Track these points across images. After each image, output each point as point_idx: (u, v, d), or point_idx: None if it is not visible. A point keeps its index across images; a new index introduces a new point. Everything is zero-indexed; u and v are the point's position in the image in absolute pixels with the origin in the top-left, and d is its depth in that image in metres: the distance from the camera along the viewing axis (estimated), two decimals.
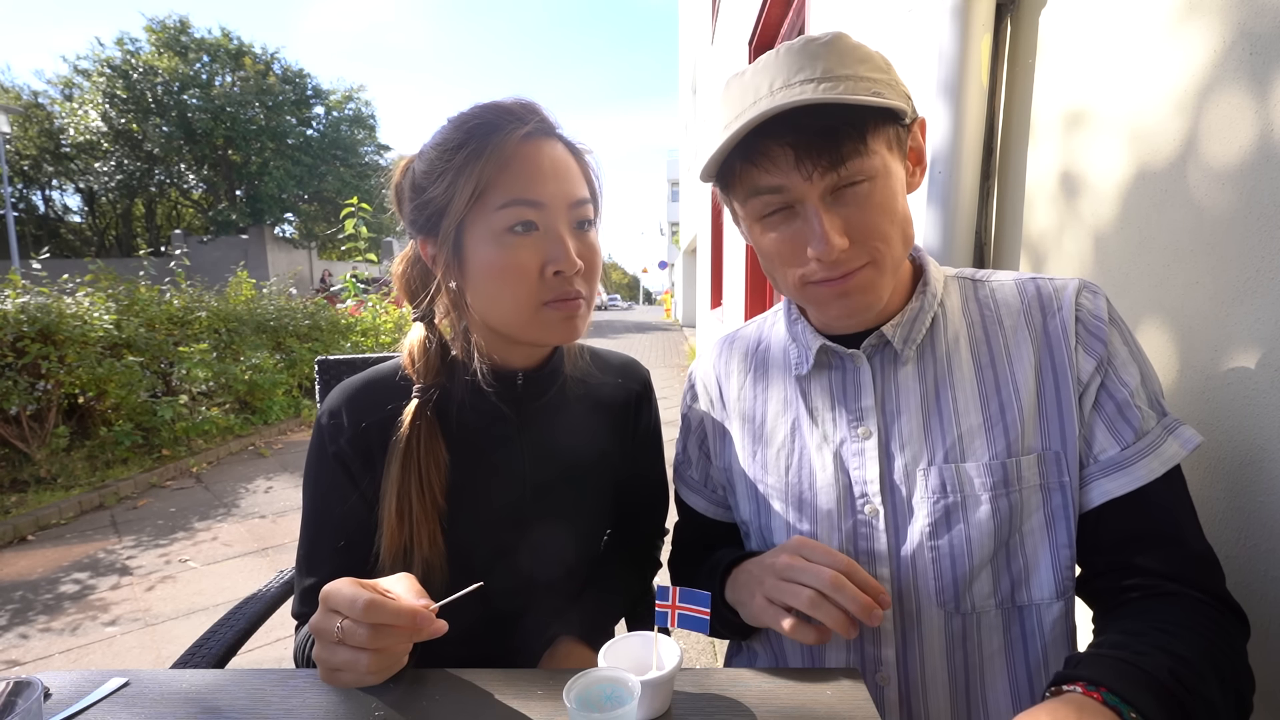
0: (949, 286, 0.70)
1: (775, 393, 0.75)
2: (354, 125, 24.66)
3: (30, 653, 2.12)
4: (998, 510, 0.61)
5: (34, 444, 3.71)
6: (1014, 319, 0.65)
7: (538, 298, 0.67)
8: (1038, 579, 0.62)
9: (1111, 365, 0.61)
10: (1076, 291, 0.64)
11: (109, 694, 0.57)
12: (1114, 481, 0.60)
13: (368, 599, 0.52)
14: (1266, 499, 0.63)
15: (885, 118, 0.58)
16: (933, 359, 0.66)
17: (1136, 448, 0.59)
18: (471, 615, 0.79)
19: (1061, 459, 0.61)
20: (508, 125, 0.66)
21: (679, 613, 0.59)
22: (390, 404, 0.73)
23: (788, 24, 3.66)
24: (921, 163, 0.66)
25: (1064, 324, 0.63)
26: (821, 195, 0.58)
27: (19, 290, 3.72)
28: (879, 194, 0.59)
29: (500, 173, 0.65)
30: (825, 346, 0.69)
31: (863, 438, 0.67)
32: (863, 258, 0.60)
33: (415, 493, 0.70)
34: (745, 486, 0.75)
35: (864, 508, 0.66)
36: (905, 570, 0.64)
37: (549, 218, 0.66)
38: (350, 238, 5.29)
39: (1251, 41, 0.63)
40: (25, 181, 21.51)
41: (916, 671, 0.65)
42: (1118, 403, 0.60)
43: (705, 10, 8.04)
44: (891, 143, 0.60)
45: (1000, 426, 0.62)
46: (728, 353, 0.82)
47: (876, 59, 0.59)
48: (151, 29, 21.09)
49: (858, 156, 0.57)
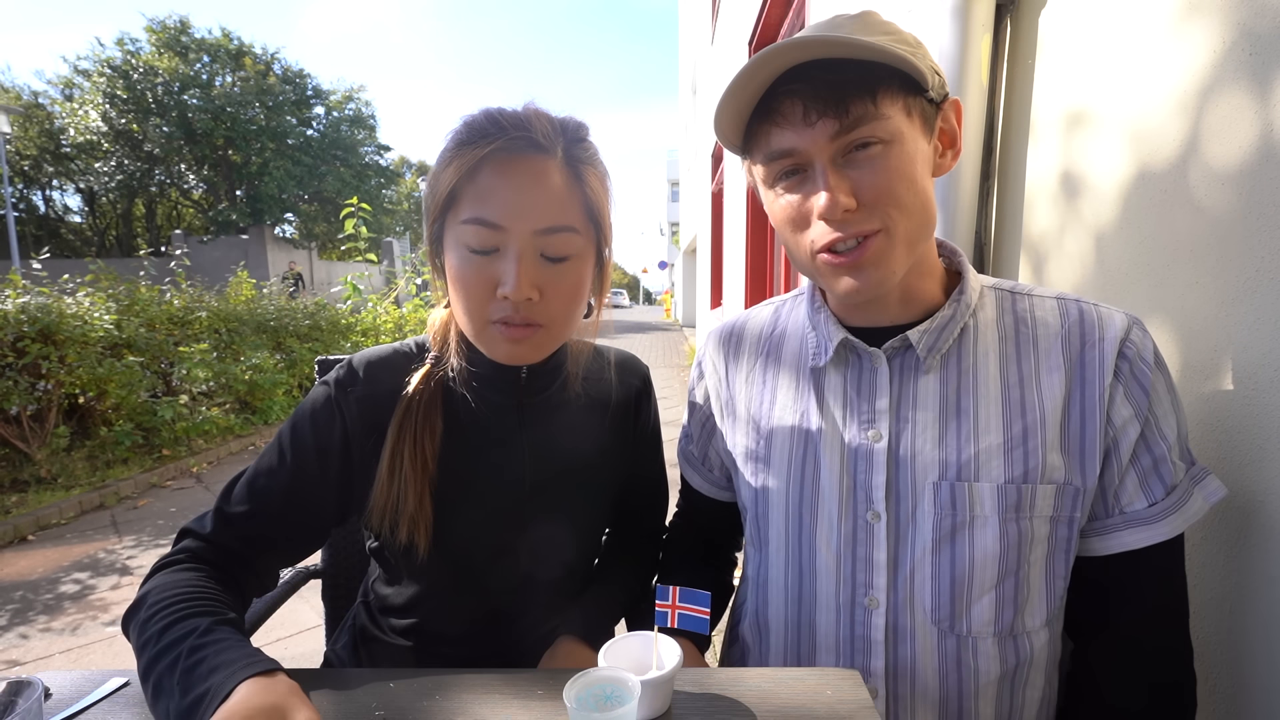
0: (985, 296, 0.66)
1: (786, 381, 0.73)
2: (354, 125, 24.65)
3: (30, 653, 2.12)
4: (1006, 535, 0.60)
5: (34, 444, 3.71)
6: (1050, 341, 0.62)
7: (486, 315, 0.66)
8: (1032, 608, 0.62)
9: (1153, 415, 0.59)
10: (1125, 329, 0.60)
11: (109, 694, 0.57)
12: (1134, 534, 0.60)
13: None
14: (1265, 499, 0.63)
15: (902, 84, 0.56)
16: (957, 370, 0.64)
17: (1164, 504, 0.59)
18: (471, 615, 0.79)
19: (1079, 495, 0.60)
20: (489, 137, 0.63)
21: (679, 612, 0.59)
22: (405, 375, 0.73)
23: (787, 24, 3.66)
24: (955, 145, 0.63)
25: (1103, 357, 0.60)
26: (832, 156, 0.57)
27: (19, 290, 3.72)
28: (893, 159, 0.56)
29: (468, 184, 0.64)
30: (847, 340, 0.66)
31: (872, 440, 0.65)
32: (873, 223, 0.57)
33: (408, 451, 0.70)
34: (746, 473, 0.74)
35: (866, 512, 0.65)
36: (902, 581, 0.64)
37: (509, 240, 0.64)
38: (350, 238, 5.28)
39: (1252, 41, 0.63)
40: (25, 181, 21.50)
41: (906, 686, 0.64)
42: (1155, 458, 0.59)
43: (705, 10, 8.04)
44: (911, 110, 0.58)
45: (1021, 451, 0.60)
46: (739, 334, 0.80)
47: (904, 34, 0.58)
48: (152, 29, 21.08)
49: (866, 114, 0.55)
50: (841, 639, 0.67)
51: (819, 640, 0.68)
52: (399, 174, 31.49)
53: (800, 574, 0.69)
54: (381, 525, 0.72)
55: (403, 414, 0.71)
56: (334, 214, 22.63)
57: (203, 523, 0.67)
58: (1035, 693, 0.65)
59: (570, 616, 0.78)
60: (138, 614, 0.59)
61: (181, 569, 0.63)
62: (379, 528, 0.73)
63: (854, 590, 0.66)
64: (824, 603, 0.67)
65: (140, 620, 0.58)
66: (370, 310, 6.49)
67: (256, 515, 0.67)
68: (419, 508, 0.71)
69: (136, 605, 0.60)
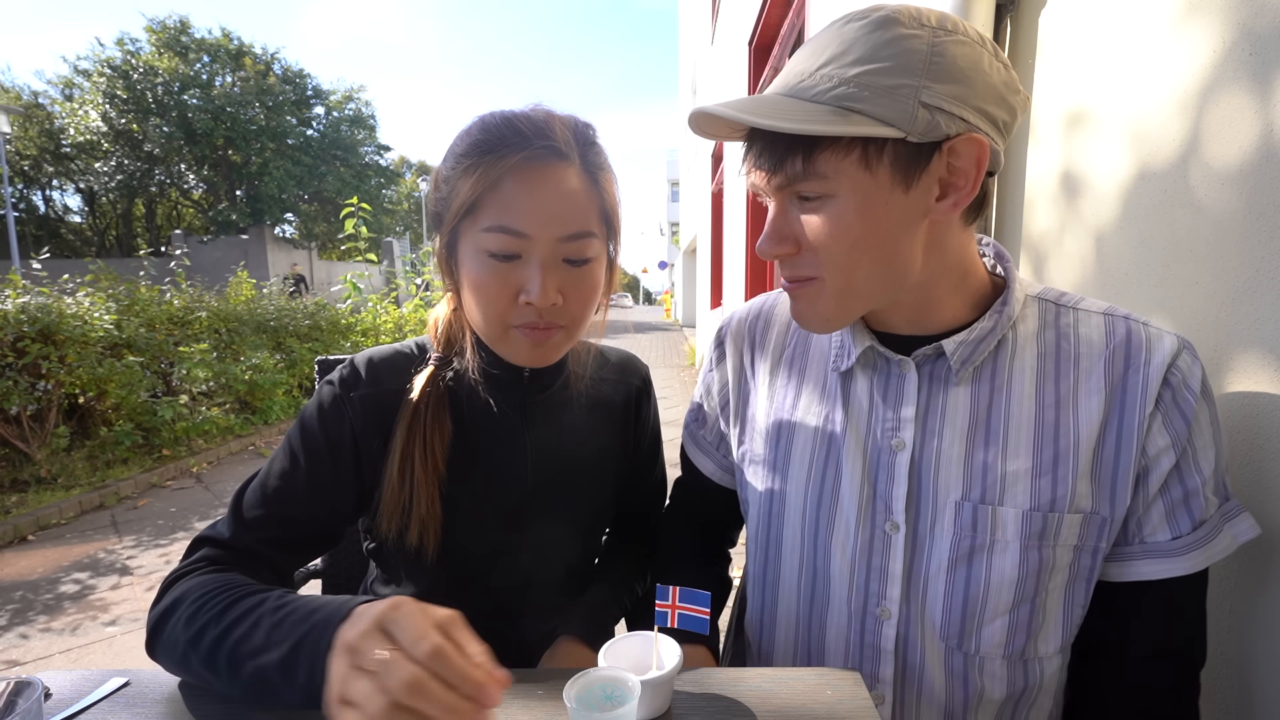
0: (1027, 306, 0.62)
1: (812, 379, 0.70)
2: (354, 125, 24.68)
3: (30, 653, 2.12)
4: (1026, 561, 0.58)
5: (34, 444, 3.71)
6: (1092, 361, 0.59)
7: (507, 320, 0.67)
8: (1047, 634, 0.61)
9: (1192, 447, 0.56)
10: (1173, 354, 0.56)
11: (109, 694, 0.57)
12: (1151, 565, 0.58)
13: (436, 644, 0.40)
14: (1265, 499, 0.63)
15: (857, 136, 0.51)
16: (990, 385, 0.60)
17: (1189, 539, 0.57)
18: (471, 615, 0.79)
19: (1106, 525, 0.58)
20: (511, 145, 0.63)
21: (679, 612, 0.59)
22: (410, 374, 0.73)
23: (787, 24, 3.66)
24: (957, 191, 0.54)
25: (1146, 382, 0.56)
26: (786, 198, 0.58)
27: (19, 290, 3.72)
28: (834, 215, 0.54)
29: (490, 193, 0.64)
30: (873, 347, 0.64)
31: (896, 449, 0.63)
32: (806, 269, 0.58)
33: (418, 454, 0.70)
34: (760, 468, 0.73)
35: (885, 522, 0.63)
36: (915, 595, 0.63)
37: (533, 248, 0.64)
38: (350, 238, 5.29)
39: (1252, 41, 0.63)
40: (25, 181, 21.50)
41: (913, 696, 0.64)
42: (1186, 490, 0.57)
43: (705, 10, 8.04)
44: (871, 163, 0.52)
45: (1050, 478, 0.58)
46: (766, 320, 0.77)
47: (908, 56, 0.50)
48: (152, 29, 21.09)
49: (799, 175, 0.54)
50: (851, 645, 0.66)
51: (828, 643, 0.68)
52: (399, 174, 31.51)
53: (814, 577, 0.68)
54: (389, 527, 0.72)
55: (411, 416, 0.71)
56: (334, 214, 22.63)
57: (218, 529, 0.66)
58: (1041, 714, 0.64)
59: (570, 616, 0.78)
60: (174, 615, 0.56)
61: (206, 572, 0.61)
62: (387, 530, 0.72)
63: (866, 599, 0.65)
64: (835, 608, 0.67)
65: (183, 617, 0.55)
66: (370, 310, 6.50)
67: (275, 517, 0.66)
68: (429, 510, 0.71)
69: (170, 610, 0.57)
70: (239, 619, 0.52)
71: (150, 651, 0.58)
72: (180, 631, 0.54)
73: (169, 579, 0.61)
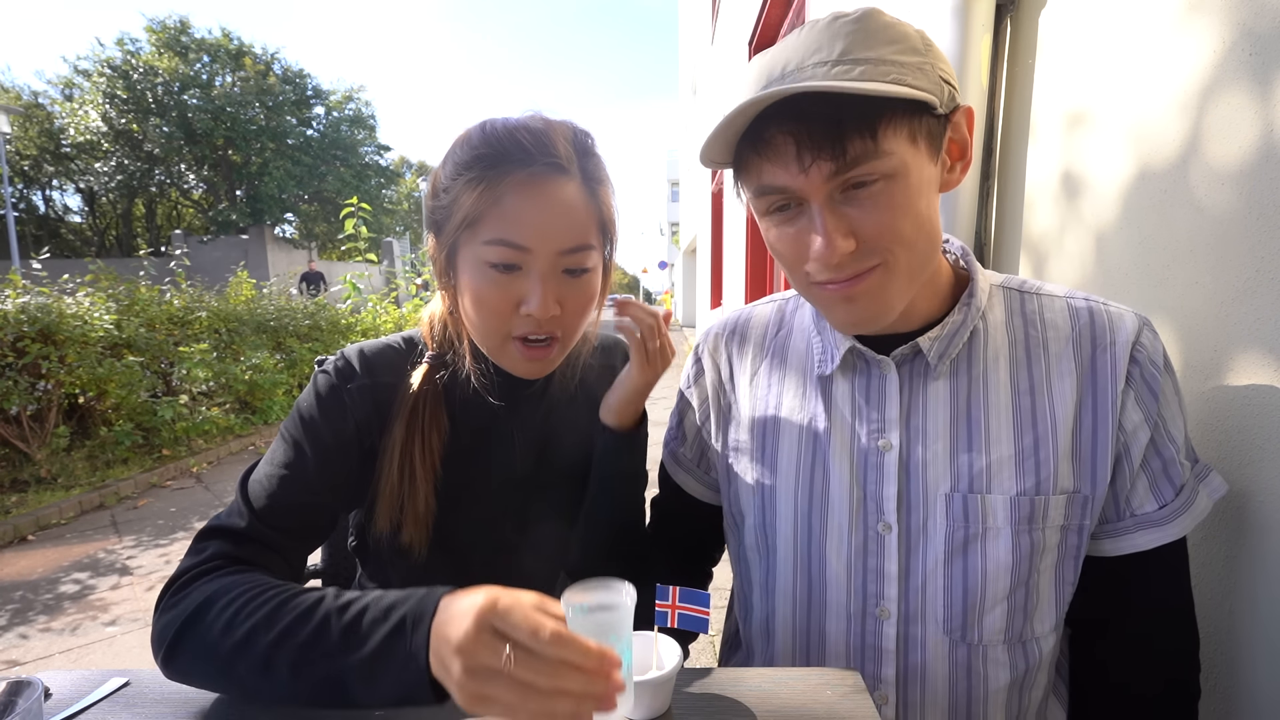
0: (993, 296, 0.65)
1: (792, 386, 0.71)
2: (354, 125, 24.66)
3: (30, 653, 2.12)
4: (1018, 546, 0.60)
5: (34, 444, 3.71)
6: (1060, 345, 0.61)
7: (506, 331, 0.67)
8: (1041, 614, 0.62)
9: (1162, 418, 0.59)
10: (1136, 331, 0.59)
11: (109, 694, 0.57)
12: (1145, 536, 0.60)
13: (554, 629, 0.42)
14: (1265, 498, 0.63)
15: (907, 109, 0.51)
16: (967, 377, 0.62)
17: (1173, 505, 0.60)
18: None
19: (1089, 503, 0.60)
20: (515, 160, 0.63)
21: (679, 612, 0.59)
22: (402, 369, 0.73)
23: (787, 24, 3.66)
24: (965, 156, 0.59)
25: (1115, 361, 0.59)
26: (828, 195, 0.53)
27: (19, 290, 3.72)
28: (896, 194, 0.53)
29: (492, 207, 0.64)
30: (854, 349, 0.65)
31: (883, 450, 0.64)
32: (871, 260, 0.55)
33: (418, 451, 0.70)
34: (748, 478, 0.73)
35: (877, 523, 0.64)
36: (914, 592, 0.63)
37: (533, 261, 0.65)
38: (350, 238, 5.29)
39: (1252, 41, 0.63)
40: (25, 181, 21.50)
41: (916, 694, 0.64)
42: (1164, 460, 0.59)
43: (705, 10, 8.05)
44: (916, 136, 0.53)
45: (1033, 461, 0.59)
46: (742, 333, 0.77)
47: (912, 39, 0.53)
48: (152, 29, 21.08)
49: (866, 154, 0.51)
50: (851, 646, 0.66)
51: (828, 647, 0.68)
52: (399, 174, 31.50)
53: (810, 582, 0.68)
54: (385, 524, 0.72)
55: (409, 413, 0.71)
56: (334, 214, 22.63)
57: (230, 520, 0.64)
58: (1039, 691, 0.65)
59: None
60: (204, 620, 0.53)
61: (228, 573, 0.58)
62: (382, 526, 0.72)
63: (865, 601, 0.65)
64: (834, 611, 0.67)
65: (220, 622, 0.52)
66: (370, 310, 6.50)
67: (286, 505, 0.65)
68: (426, 507, 0.71)
69: (197, 615, 0.53)
70: (298, 621, 0.50)
71: (168, 661, 0.54)
72: (219, 637, 0.51)
73: (182, 580, 0.58)
